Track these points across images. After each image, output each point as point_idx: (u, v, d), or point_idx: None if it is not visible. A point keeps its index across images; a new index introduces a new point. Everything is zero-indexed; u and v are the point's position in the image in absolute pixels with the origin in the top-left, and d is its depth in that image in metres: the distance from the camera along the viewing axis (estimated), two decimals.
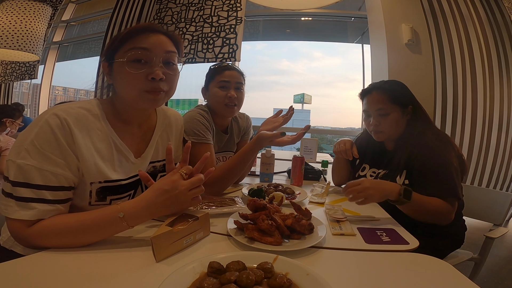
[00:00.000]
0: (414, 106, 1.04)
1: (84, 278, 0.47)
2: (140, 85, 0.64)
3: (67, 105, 0.61)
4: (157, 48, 0.65)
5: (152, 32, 0.66)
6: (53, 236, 0.55)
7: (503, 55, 2.54)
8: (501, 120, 2.54)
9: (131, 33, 0.65)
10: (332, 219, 0.80)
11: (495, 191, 1.32)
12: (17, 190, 0.53)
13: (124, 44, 0.65)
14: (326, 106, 50.06)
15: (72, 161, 0.58)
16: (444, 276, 0.53)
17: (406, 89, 1.07)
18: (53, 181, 0.55)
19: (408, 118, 1.03)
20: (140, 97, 0.65)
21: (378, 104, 1.03)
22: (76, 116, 0.59)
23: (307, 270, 0.46)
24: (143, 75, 0.64)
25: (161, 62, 0.66)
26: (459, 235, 1.05)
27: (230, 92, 1.08)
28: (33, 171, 0.53)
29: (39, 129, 0.55)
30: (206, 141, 1.00)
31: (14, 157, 0.54)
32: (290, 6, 1.29)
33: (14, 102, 3.73)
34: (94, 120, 0.63)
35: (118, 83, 0.67)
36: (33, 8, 2.69)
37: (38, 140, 0.54)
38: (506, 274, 1.66)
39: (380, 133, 1.05)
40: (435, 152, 0.92)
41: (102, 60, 0.69)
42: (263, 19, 4.02)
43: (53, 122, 0.56)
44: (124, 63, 0.63)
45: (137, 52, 0.64)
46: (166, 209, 0.60)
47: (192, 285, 0.44)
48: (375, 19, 2.69)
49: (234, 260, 0.48)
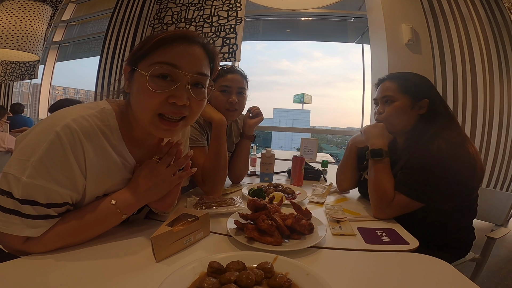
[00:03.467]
0: (432, 101, 0.94)
1: (84, 278, 0.46)
2: (157, 106, 0.56)
3: (80, 113, 0.54)
4: (189, 67, 0.57)
5: (188, 42, 0.58)
6: (56, 241, 0.54)
7: (503, 55, 2.54)
8: (501, 120, 2.54)
9: (164, 41, 0.56)
10: (332, 219, 0.80)
11: (497, 191, 1.32)
12: (25, 208, 0.51)
13: (152, 53, 0.57)
14: (326, 106, 50.20)
15: (79, 182, 0.55)
16: (444, 276, 0.53)
17: (424, 81, 0.99)
18: (58, 200, 0.53)
19: (422, 113, 0.94)
20: (152, 123, 0.58)
21: (386, 91, 0.98)
22: (89, 130, 0.54)
23: (307, 270, 0.46)
24: (164, 96, 0.56)
25: (188, 84, 0.57)
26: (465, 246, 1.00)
27: (232, 97, 1.07)
28: (40, 191, 0.50)
29: (49, 145, 0.50)
30: (200, 145, 1.01)
31: (19, 173, 0.49)
32: (290, 6, 1.29)
33: (15, 102, 3.74)
34: (107, 133, 0.58)
35: (133, 96, 0.59)
36: (33, 8, 2.69)
37: (48, 158, 0.50)
38: (506, 274, 1.66)
39: (383, 122, 0.99)
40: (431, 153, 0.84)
41: (126, 63, 0.61)
42: (263, 19, 4.02)
43: (65, 137, 0.51)
44: (146, 76, 0.55)
45: (164, 68, 0.55)
46: (153, 194, 0.63)
47: (192, 285, 0.44)
48: (375, 19, 2.69)
49: (234, 260, 0.48)
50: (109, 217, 0.59)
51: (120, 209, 0.59)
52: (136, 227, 0.68)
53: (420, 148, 0.88)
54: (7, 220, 0.50)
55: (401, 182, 0.87)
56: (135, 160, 0.65)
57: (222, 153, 0.98)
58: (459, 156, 0.83)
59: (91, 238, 0.58)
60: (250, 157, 1.48)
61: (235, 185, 1.19)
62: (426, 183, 0.83)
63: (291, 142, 19.97)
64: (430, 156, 0.84)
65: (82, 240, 0.57)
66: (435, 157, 0.83)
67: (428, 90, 0.97)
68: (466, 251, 1.01)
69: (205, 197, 0.89)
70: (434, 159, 0.83)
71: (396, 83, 0.98)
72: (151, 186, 0.62)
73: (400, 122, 0.97)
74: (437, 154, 0.83)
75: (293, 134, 15.20)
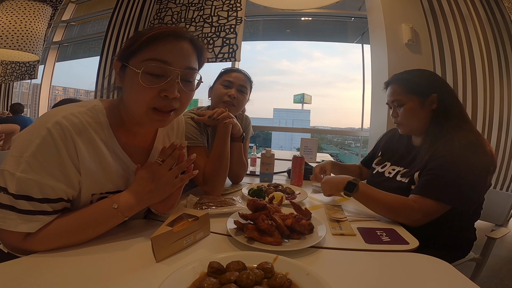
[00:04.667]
0: (440, 94, 0.93)
1: (84, 278, 0.46)
2: (150, 101, 0.59)
3: (70, 110, 0.57)
4: (179, 62, 0.60)
5: (176, 38, 0.60)
6: (55, 239, 0.55)
7: (503, 55, 2.54)
8: (501, 120, 2.54)
9: (154, 38, 0.59)
10: (332, 219, 0.80)
11: (497, 191, 1.32)
12: (20, 203, 0.52)
13: (143, 50, 0.59)
14: (326, 106, 50.27)
15: (74, 176, 0.56)
16: (444, 276, 0.53)
17: (428, 76, 0.99)
18: (52, 195, 0.54)
19: (433, 108, 0.93)
20: (146, 115, 0.61)
21: (393, 96, 0.99)
22: (80, 126, 0.56)
23: (307, 270, 0.46)
24: (156, 91, 0.59)
25: (178, 78, 0.60)
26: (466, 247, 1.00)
27: (231, 90, 1.09)
28: (34, 186, 0.52)
29: (41, 141, 0.52)
30: (199, 144, 1.01)
31: (13, 169, 0.51)
32: (290, 6, 1.29)
33: (15, 102, 3.74)
34: (98, 129, 0.60)
35: (127, 92, 0.62)
36: (33, 8, 2.69)
37: (41, 153, 0.52)
38: (506, 274, 1.66)
39: (400, 125, 1.00)
40: (455, 154, 0.83)
41: (116, 59, 0.63)
42: (263, 19, 4.02)
43: (56, 133, 0.53)
44: (138, 73, 0.57)
45: (156, 64, 0.58)
46: (155, 196, 0.63)
47: (192, 285, 0.44)
48: (375, 19, 2.69)
49: (234, 260, 0.48)
50: (111, 219, 0.59)
51: (122, 212, 0.59)
52: (136, 227, 0.68)
53: (441, 149, 0.86)
54: (4, 215, 0.51)
55: (427, 187, 0.83)
56: (127, 156, 0.67)
57: (226, 153, 0.99)
58: (480, 156, 0.83)
59: (90, 238, 0.58)
60: (250, 157, 1.48)
61: (235, 185, 1.19)
62: (453, 185, 0.81)
63: (291, 142, 19.98)
64: (453, 157, 0.82)
65: (82, 240, 0.57)
66: (458, 158, 0.82)
67: (433, 84, 0.96)
68: (466, 251, 1.01)
69: (205, 197, 0.89)
70: (457, 159, 0.82)
71: (400, 85, 0.98)
72: (153, 189, 0.62)
73: (416, 122, 0.96)
74: (459, 155, 0.82)
75: (293, 134, 15.21)
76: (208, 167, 0.97)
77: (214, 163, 0.97)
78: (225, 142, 1.00)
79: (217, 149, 0.98)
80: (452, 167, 0.82)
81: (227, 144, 1.00)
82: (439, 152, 0.85)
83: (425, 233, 0.80)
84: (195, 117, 1.04)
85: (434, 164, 0.85)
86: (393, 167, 1.05)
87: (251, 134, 1.35)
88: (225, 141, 1.00)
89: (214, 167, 0.97)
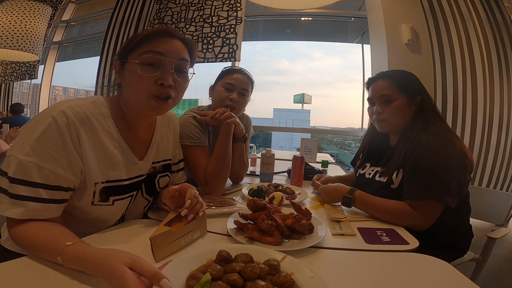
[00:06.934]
0: (423, 97, 0.97)
1: (84, 278, 0.46)
2: (148, 88, 0.65)
3: (75, 102, 0.60)
4: (172, 54, 0.66)
5: (169, 36, 0.68)
6: (23, 245, 0.53)
7: (503, 55, 2.54)
8: (501, 120, 2.54)
9: (149, 36, 0.66)
10: (332, 219, 0.80)
11: (497, 191, 1.32)
12: (14, 187, 0.52)
13: (140, 46, 0.66)
14: (326, 106, 50.21)
15: (76, 164, 0.58)
16: (444, 276, 0.53)
17: (415, 78, 1.01)
18: (51, 181, 0.55)
19: (415, 110, 0.97)
20: (145, 102, 0.66)
21: (382, 91, 0.98)
22: (83, 116, 0.59)
23: (312, 274, 0.46)
24: (153, 79, 0.64)
25: (172, 69, 0.66)
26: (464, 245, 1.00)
27: (233, 94, 1.08)
28: (34, 169, 0.53)
29: (46, 127, 0.54)
30: (201, 144, 1.01)
31: (17, 153, 0.53)
32: (290, 6, 1.29)
33: (15, 102, 3.74)
34: (100, 119, 0.64)
35: (126, 84, 0.67)
36: (33, 8, 2.69)
37: (44, 138, 0.54)
38: (506, 274, 1.66)
39: (383, 122, 0.99)
40: (428, 150, 0.85)
41: (115, 58, 0.69)
42: (263, 19, 4.02)
43: (61, 121, 0.55)
44: (137, 64, 0.64)
45: (152, 55, 0.64)
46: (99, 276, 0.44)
47: (197, 270, 0.46)
48: (375, 19, 2.69)
49: (243, 252, 0.49)
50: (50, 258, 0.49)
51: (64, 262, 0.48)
52: (135, 227, 0.68)
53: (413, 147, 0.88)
54: (0, 200, 0.53)
55: (414, 189, 0.84)
56: (128, 146, 0.69)
57: (228, 153, 0.99)
58: (452, 147, 0.86)
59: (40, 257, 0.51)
60: (250, 157, 1.48)
61: (235, 185, 1.19)
62: (433, 179, 0.82)
63: (291, 142, 19.96)
64: (428, 153, 0.85)
65: (34, 254, 0.52)
66: (433, 152, 0.84)
67: (420, 87, 1.00)
68: (465, 249, 1.01)
69: (205, 197, 0.89)
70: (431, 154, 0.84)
71: (391, 82, 0.98)
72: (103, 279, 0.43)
73: (401, 121, 0.97)
74: (435, 149, 0.84)
75: (293, 134, 15.19)
76: (210, 166, 0.97)
77: (216, 163, 0.97)
78: (227, 142, 1.00)
79: (219, 149, 0.98)
80: (427, 164, 0.84)
81: (229, 144, 1.00)
82: (412, 151, 0.88)
83: (424, 233, 0.80)
84: (197, 116, 1.04)
85: (410, 164, 0.87)
86: (372, 168, 1.06)
87: (252, 134, 1.35)
88: (227, 141, 1.00)
89: (216, 167, 0.97)
